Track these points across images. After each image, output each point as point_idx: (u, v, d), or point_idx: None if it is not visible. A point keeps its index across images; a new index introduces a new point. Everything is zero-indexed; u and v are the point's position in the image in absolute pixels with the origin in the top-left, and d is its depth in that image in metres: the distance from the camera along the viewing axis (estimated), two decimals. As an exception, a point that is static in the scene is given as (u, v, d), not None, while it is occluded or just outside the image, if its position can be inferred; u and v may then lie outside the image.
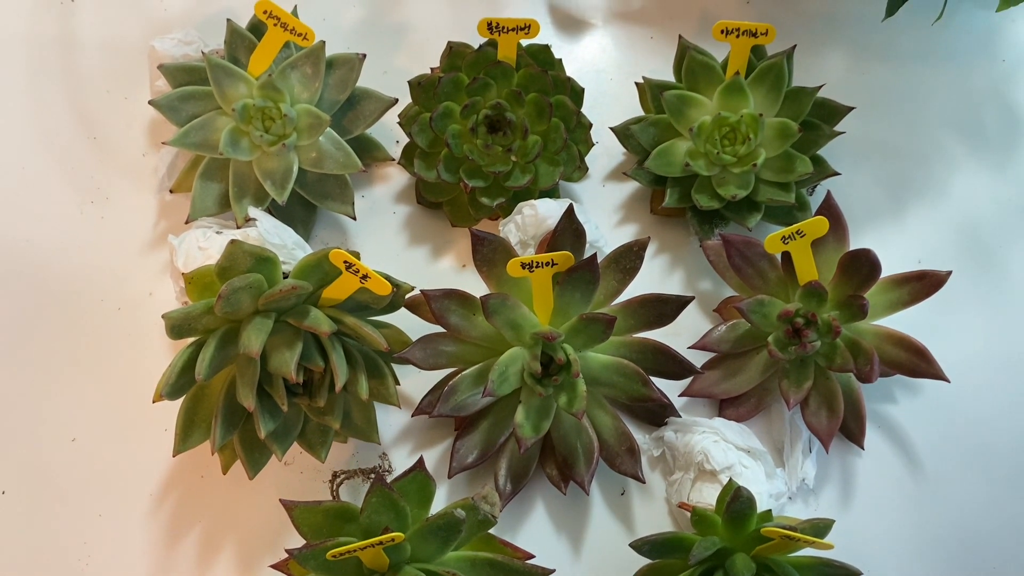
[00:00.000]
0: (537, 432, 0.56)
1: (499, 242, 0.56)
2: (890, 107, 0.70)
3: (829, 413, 0.58)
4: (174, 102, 0.60)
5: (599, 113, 0.66)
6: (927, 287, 0.58)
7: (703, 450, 0.57)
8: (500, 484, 0.58)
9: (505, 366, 0.56)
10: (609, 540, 0.59)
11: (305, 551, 0.49)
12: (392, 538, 0.48)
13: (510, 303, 0.56)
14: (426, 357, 0.57)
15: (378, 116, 0.64)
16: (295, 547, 0.49)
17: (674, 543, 0.53)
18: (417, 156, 0.63)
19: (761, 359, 0.60)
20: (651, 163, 0.62)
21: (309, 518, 0.51)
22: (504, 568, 0.53)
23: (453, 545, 0.52)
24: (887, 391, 0.62)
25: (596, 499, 0.60)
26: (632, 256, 0.58)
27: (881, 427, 0.61)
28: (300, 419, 0.56)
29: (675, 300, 0.57)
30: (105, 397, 0.61)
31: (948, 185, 0.68)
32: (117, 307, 0.63)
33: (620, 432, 0.58)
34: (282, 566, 0.53)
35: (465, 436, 0.59)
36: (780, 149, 0.62)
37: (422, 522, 0.52)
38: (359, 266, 0.52)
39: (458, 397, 0.56)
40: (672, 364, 0.58)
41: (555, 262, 0.55)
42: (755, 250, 0.59)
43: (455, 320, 0.57)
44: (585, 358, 0.58)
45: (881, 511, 0.59)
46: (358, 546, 0.48)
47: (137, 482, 0.59)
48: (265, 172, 0.60)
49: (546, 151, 0.62)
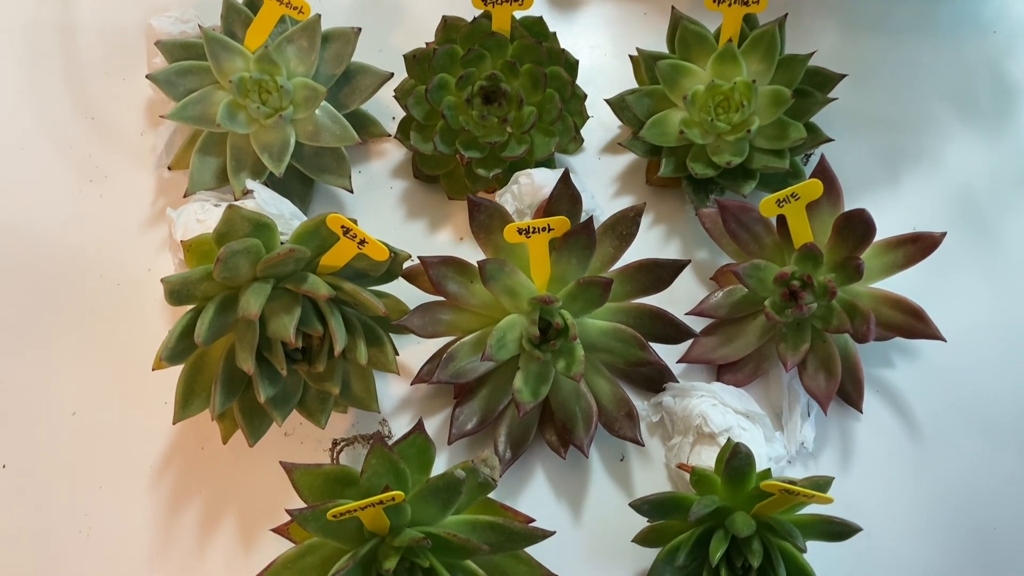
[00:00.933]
0: (536, 397, 0.56)
1: (496, 208, 0.57)
2: (882, 78, 0.70)
3: (827, 376, 0.59)
4: (171, 76, 0.61)
5: (594, 89, 0.67)
6: (922, 249, 0.58)
7: (701, 413, 0.57)
8: (500, 450, 0.58)
9: (503, 332, 0.56)
10: (609, 505, 0.59)
11: (306, 512, 0.49)
12: (392, 497, 0.49)
13: (507, 269, 0.57)
14: (424, 325, 0.57)
15: (374, 90, 0.64)
16: (296, 508, 0.49)
17: (673, 502, 0.53)
18: (413, 129, 0.64)
19: (758, 324, 0.60)
20: (646, 132, 0.63)
21: (309, 481, 0.51)
22: (505, 530, 0.53)
23: (453, 508, 0.53)
24: (884, 356, 0.62)
25: (596, 465, 0.60)
26: (628, 222, 0.58)
27: (879, 391, 0.62)
28: (300, 386, 0.56)
29: (671, 264, 0.57)
30: (105, 371, 0.61)
31: (942, 154, 0.68)
32: (116, 283, 0.64)
33: (618, 397, 0.59)
34: (283, 530, 0.53)
35: (464, 403, 0.59)
36: (774, 116, 0.62)
37: (422, 484, 0.52)
38: (356, 231, 0.53)
39: (457, 364, 0.57)
40: (669, 328, 0.58)
41: (551, 227, 0.55)
42: (750, 215, 0.59)
43: (453, 287, 0.57)
44: (583, 324, 0.58)
45: (880, 474, 0.59)
46: (359, 505, 0.48)
47: (137, 454, 0.59)
48: (262, 145, 0.61)
49: (541, 121, 0.63)
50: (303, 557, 0.52)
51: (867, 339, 0.56)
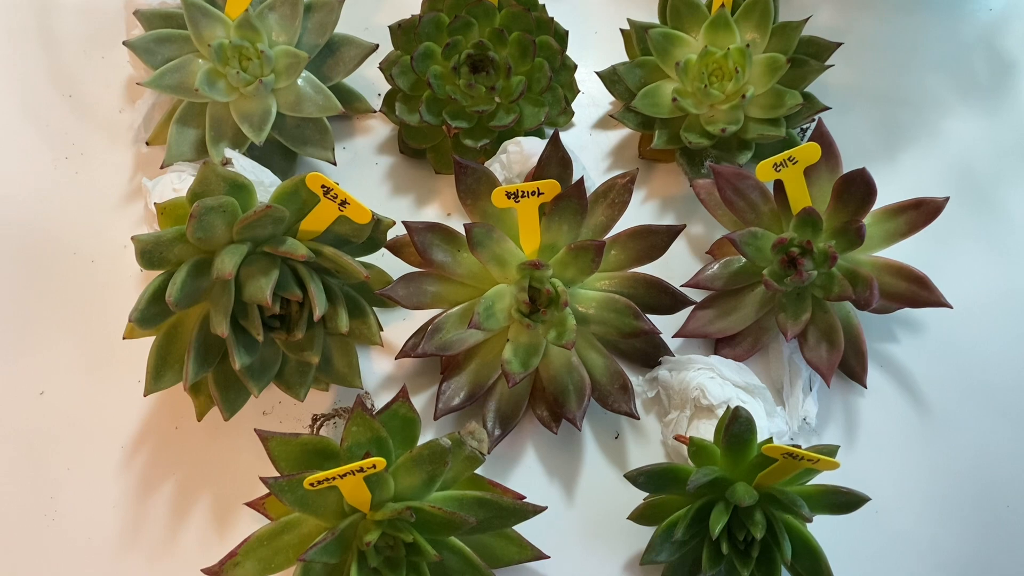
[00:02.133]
0: (526, 368, 0.53)
1: (484, 172, 0.55)
2: (877, 54, 0.69)
3: (829, 347, 0.56)
4: (150, 44, 0.59)
5: (584, 67, 0.65)
6: (924, 215, 0.56)
7: (699, 385, 0.55)
8: (488, 426, 0.56)
9: (491, 300, 0.54)
10: (603, 484, 0.56)
11: (281, 481, 0.46)
12: (374, 463, 0.46)
13: (496, 235, 0.54)
14: (409, 295, 0.55)
15: (359, 62, 0.63)
16: (271, 476, 0.46)
17: (671, 474, 0.50)
18: (399, 100, 0.62)
19: (756, 295, 0.58)
20: (638, 103, 0.61)
21: (286, 451, 0.49)
22: (494, 506, 0.50)
23: (439, 481, 0.50)
24: (888, 329, 0.60)
25: (589, 443, 0.57)
26: (620, 189, 0.56)
27: (883, 366, 0.59)
28: (278, 357, 0.54)
29: (666, 230, 0.55)
30: (75, 349, 0.59)
31: (940, 128, 0.67)
32: (91, 259, 0.61)
33: (612, 371, 0.56)
34: (258, 504, 0.50)
35: (451, 377, 0.56)
36: (768, 84, 0.60)
37: (406, 455, 0.49)
38: (338, 191, 0.50)
39: (443, 335, 0.54)
40: (665, 296, 0.56)
41: (541, 191, 0.53)
42: (747, 182, 0.57)
43: (439, 256, 0.55)
44: (574, 294, 0.56)
45: (887, 449, 0.57)
46: (337, 472, 0.45)
47: (108, 435, 0.57)
48: (243, 114, 0.59)
49: (530, 91, 0.61)
50: (280, 535, 0.49)
51: (870, 304, 0.53)
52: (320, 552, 0.46)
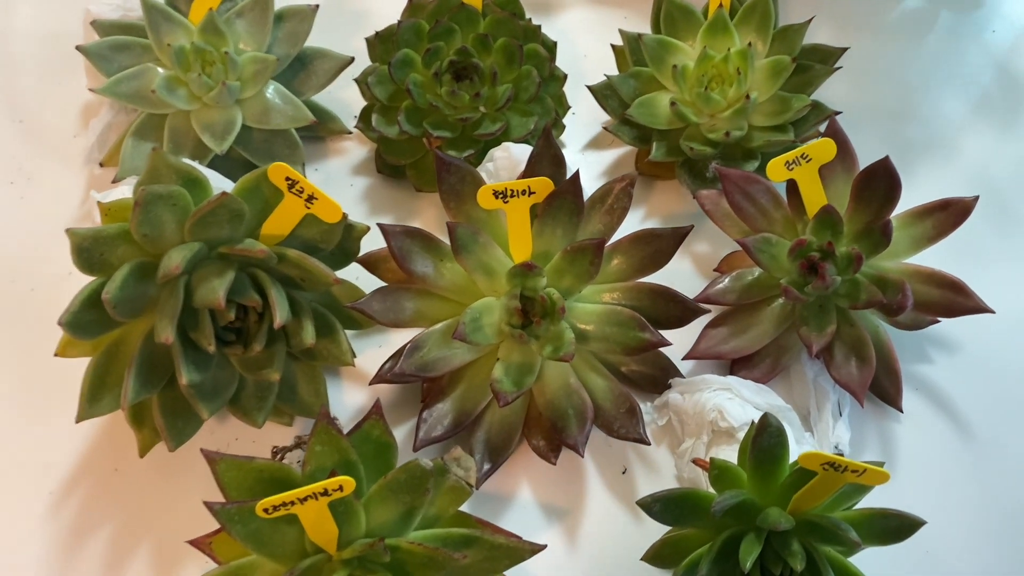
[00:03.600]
0: (519, 387, 0.47)
1: (468, 171, 0.49)
2: (881, 74, 0.66)
3: (860, 362, 0.50)
4: (105, 51, 0.55)
5: (574, 90, 0.61)
6: (953, 216, 0.51)
7: (716, 407, 0.48)
8: (477, 458, 0.49)
9: (479, 312, 0.48)
10: (611, 524, 0.48)
11: (230, 508, 0.39)
12: (340, 485, 0.39)
13: (483, 240, 0.49)
14: (385, 310, 0.49)
15: (332, 76, 0.58)
16: (215, 501, 0.39)
17: (691, 500, 0.43)
18: (376, 111, 0.57)
19: (774, 310, 0.52)
20: (634, 111, 0.57)
21: (238, 477, 0.41)
22: (485, 544, 0.43)
23: (419, 515, 0.42)
24: (920, 351, 0.54)
25: (593, 479, 0.50)
26: (619, 194, 0.51)
27: (919, 389, 0.53)
28: (234, 380, 0.47)
29: (671, 233, 0.50)
30: (6, 386, 0.52)
31: (956, 143, 0.63)
32: (30, 288, 0.55)
33: (617, 393, 0.49)
34: (203, 543, 0.42)
35: (434, 404, 0.49)
36: (773, 89, 0.56)
37: (379, 482, 0.42)
38: (304, 184, 0.45)
39: (424, 354, 0.48)
40: (674, 306, 0.49)
41: (532, 190, 0.48)
42: (757, 187, 0.52)
43: (419, 266, 0.49)
44: (572, 310, 0.50)
45: (929, 478, 0.50)
46: (297, 495, 0.38)
47: (37, 478, 0.49)
48: (204, 124, 0.54)
49: (518, 100, 0.57)
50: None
51: (903, 308, 0.48)
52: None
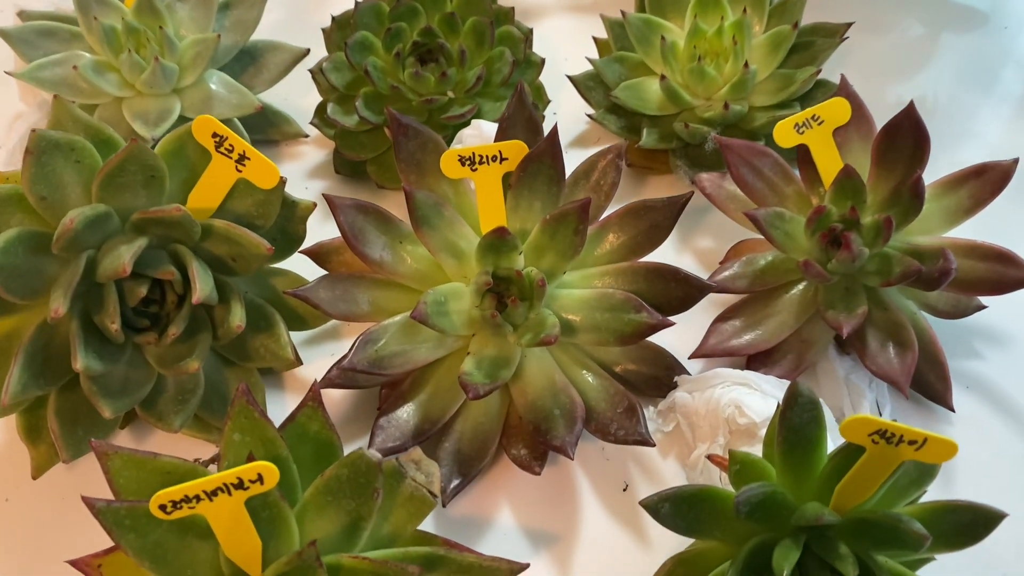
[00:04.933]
0: (492, 379, 0.39)
1: (429, 136, 0.43)
2: (892, 70, 0.61)
3: (899, 348, 0.42)
4: (29, 35, 0.49)
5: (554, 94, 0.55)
6: (991, 183, 0.44)
7: (733, 401, 0.40)
8: (444, 473, 0.40)
9: (444, 296, 0.40)
10: (610, 552, 0.39)
11: (118, 507, 0.30)
12: (258, 473, 0.30)
13: (448, 214, 0.42)
14: (334, 299, 0.41)
15: (286, 70, 0.53)
16: (100, 499, 0.30)
17: (708, 500, 0.34)
18: (333, 101, 0.51)
19: (793, 298, 0.45)
20: (621, 93, 0.51)
21: (137, 477, 0.32)
22: (453, 564, 0.34)
23: (367, 528, 0.33)
24: (966, 345, 0.46)
25: (588, 499, 0.41)
26: (607, 167, 0.44)
27: (970, 388, 0.45)
28: (148, 380, 0.39)
29: (667, 203, 0.43)
30: None
31: (979, 133, 0.57)
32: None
33: (612, 392, 0.41)
34: (88, 564, 0.33)
35: (392, 411, 0.41)
36: (774, 65, 0.51)
37: (315, 482, 0.33)
38: (234, 140, 0.38)
39: (379, 348, 0.40)
40: (675, 285, 0.42)
41: (504, 156, 0.42)
42: (764, 159, 0.46)
43: (375, 248, 0.42)
44: (555, 297, 0.42)
45: (989, 482, 0.41)
46: (202, 485, 0.30)
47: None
48: (136, 112, 0.48)
49: (490, 83, 0.51)
50: (122, 618, 0.32)
51: (947, 275, 0.40)
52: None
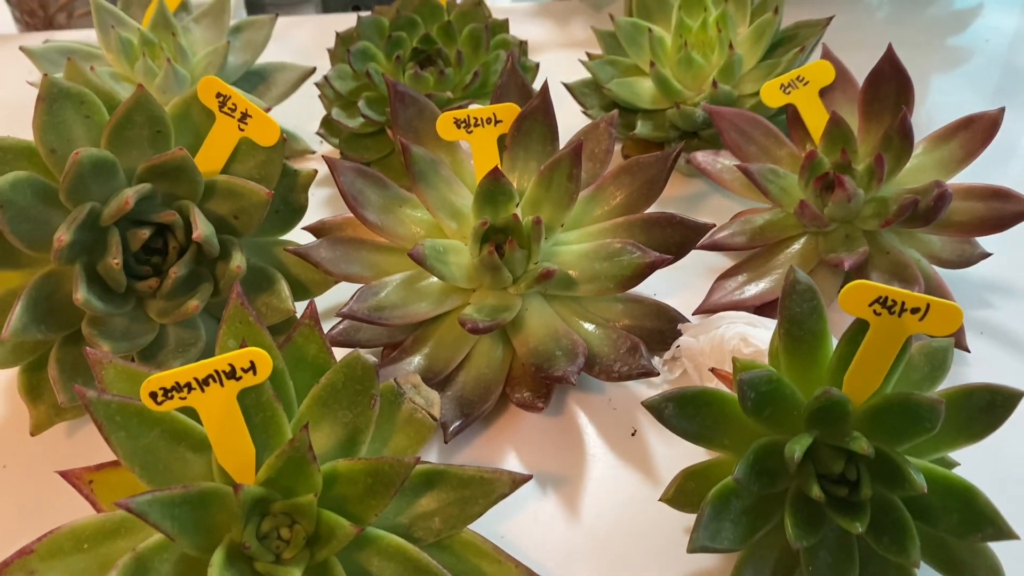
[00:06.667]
0: (492, 318, 0.39)
1: (426, 104, 0.44)
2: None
3: (905, 285, 0.41)
4: (51, 54, 0.52)
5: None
6: (980, 133, 0.45)
7: (738, 334, 0.39)
8: (446, 415, 0.39)
9: (443, 247, 0.41)
10: (619, 493, 0.38)
11: (110, 400, 0.30)
12: (251, 360, 0.30)
13: (444, 173, 0.43)
14: (335, 259, 0.42)
15: (294, 86, 0.56)
16: (90, 389, 0.30)
17: (713, 400, 0.33)
18: (337, 106, 0.54)
19: (794, 252, 0.45)
20: (615, 87, 0.53)
21: (127, 389, 0.32)
22: (453, 479, 0.33)
23: (365, 440, 0.33)
24: (977, 296, 0.46)
25: (596, 445, 0.40)
26: (601, 135, 0.45)
27: (984, 333, 0.44)
28: (150, 332, 0.39)
29: (660, 158, 0.43)
30: None
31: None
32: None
33: (614, 336, 0.41)
34: (78, 478, 0.32)
35: (393, 364, 0.41)
36: (759, 54, 0.53)
37: (311, 391, 0.33)
38: (237, 99, 0.40)
39: (380, 298, 0.40)
40: (672, 231, 0.42)
41: (498, 118, 0.43)
42: (754, 125, 0.47)
43: (375, 212, 0.42)
44: (554, 254, 0.42)
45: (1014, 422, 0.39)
46: (193, 371, 0.29)
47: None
48: (149, 117, 0.50)
49: (486, 85, 0.53)
50: (112, 537, 0.31)
51: (943, 203, 0.40)
52: (176, 523, 0.28)
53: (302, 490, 0.31)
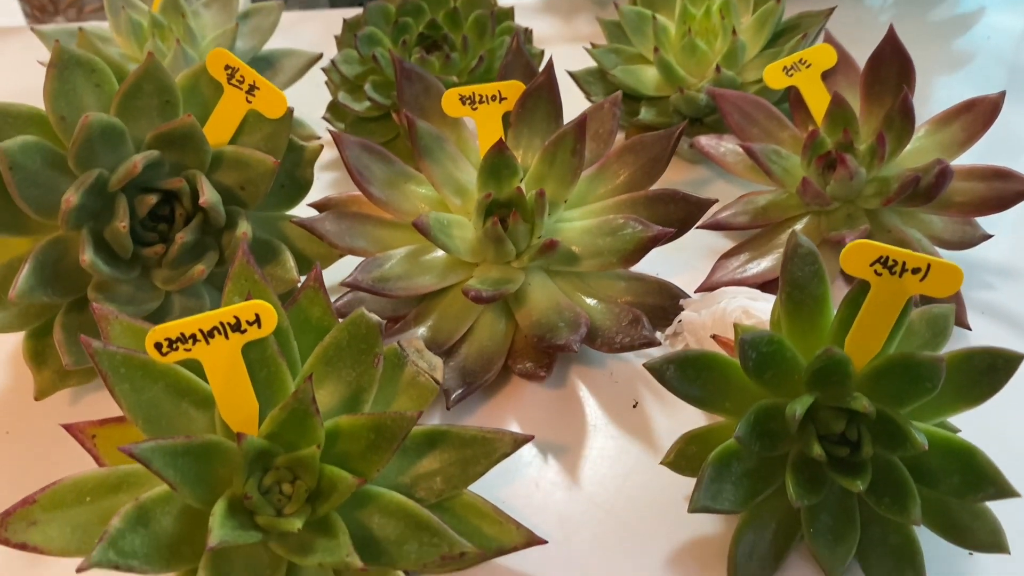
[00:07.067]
0: (496, 288, 0.39)
1: (432, 82, 0.45)
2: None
3: (905, 261, 0.42)
4: (62, 35, 0.53)
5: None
6: (982, 116, 0.45)
7: (739, 307, 0.39)
8: (448, 383, 0.39)
9: (447, 220, 0.41)
10: (621, 463, 0.38)
11: (114, 352, 0.30)
12: (256, 313, 0.30)
13: (449, 149, 0.43)
14: (340, 233, 0.42)
15: (301, 72, 0.56)
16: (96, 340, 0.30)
17: (715, 363, 0.33)
18: (344, 90, 0.54)
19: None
20: (619, 73, 0.53)
21: (133, 344, 0.32)
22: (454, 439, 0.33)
23: (369, 399, 0.33)
24: (977, 278, 0.46)
25: (597, 416, 0.40)
26: (605, 115, 0.46)
27: (985, 313, 0.44)
28: (155, 299, 0.39)
29: (663, 135, 0.44)
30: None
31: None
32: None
33: (617, 311, 0.41)
34: (80, 431, 0.32)
35: (397, 334, 0.41)
36: (762, 41, 0.53)
37: (315, 351, 0.33)
38: (245, 71, 0.40)
39: (384, 270, 0.40)
40: (675, 207, 0.42)
41: (503, 95, 0.43)
42: (757, 107, 0.47)
43: (380, 187, 0.43)
44: (557, 231, 0.43)
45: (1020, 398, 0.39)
46: (199, 323, 0.30)
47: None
48: (158, 97, 0.51)
49: (491, 70, 0.54)
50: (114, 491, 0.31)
51: (945, 178, 0.40)
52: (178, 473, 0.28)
53: (305, 444, 0.31)
